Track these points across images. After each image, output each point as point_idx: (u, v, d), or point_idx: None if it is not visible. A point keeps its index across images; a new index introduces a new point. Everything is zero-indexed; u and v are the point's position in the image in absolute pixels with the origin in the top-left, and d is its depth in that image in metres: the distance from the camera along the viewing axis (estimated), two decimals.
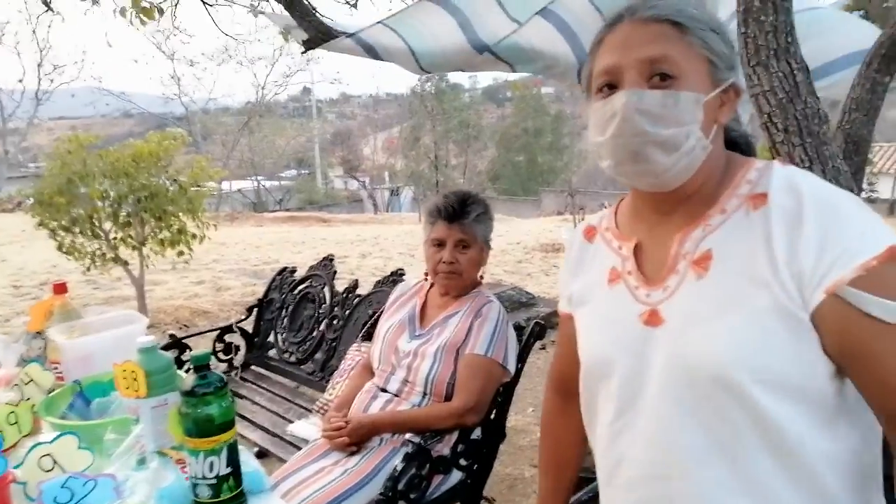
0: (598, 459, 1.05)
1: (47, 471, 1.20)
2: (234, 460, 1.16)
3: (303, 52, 2.55)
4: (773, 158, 1.84)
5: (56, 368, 1.64)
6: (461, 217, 1.92)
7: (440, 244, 1.94)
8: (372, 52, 2.45)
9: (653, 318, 0.93)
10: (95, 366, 1.59)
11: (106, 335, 1.68)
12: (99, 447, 1.27)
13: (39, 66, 23.23)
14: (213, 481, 1.13)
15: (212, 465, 1.13)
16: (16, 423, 1.36)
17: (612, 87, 0.91)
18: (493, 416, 2.01)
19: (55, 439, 1.23)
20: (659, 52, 0.87)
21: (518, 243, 10.26)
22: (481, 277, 2.05)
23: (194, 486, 1.15)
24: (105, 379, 1.56)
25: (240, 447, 1.20)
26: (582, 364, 1.05)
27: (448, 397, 1.87)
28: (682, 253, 0.92)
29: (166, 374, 1.34)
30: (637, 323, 0.95)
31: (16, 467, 1.17)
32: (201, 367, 1.14)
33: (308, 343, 2.79)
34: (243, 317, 3.06)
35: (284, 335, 2.92)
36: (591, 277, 1.05)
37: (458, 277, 1.95)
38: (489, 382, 1.88)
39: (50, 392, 1.53)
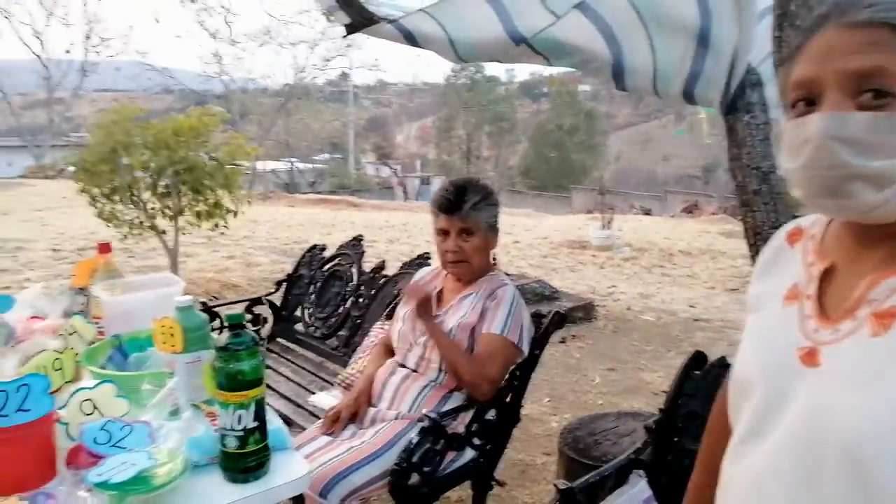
0: (722, 465, 0.98)
1: (87, 414, 1.29)
2: (260, 415, 1.23)
3: (344, 36, 2.61)
4: None
5: (97, 323, 1.73)
6: (459, 207, 1.97)
7: (445, 234, 2.00)
8: (411, 39, 2.50)
9: (810, 358, 0.81)
10: (134, 322, 1.68)
11: (145, 294, 1.76)
12: (135, 397, 1.36)
13: (87, 38, 23.80)
14: (241, 433, 1.20)
15: (240, 417, 1.20)
16: (60, 369, 1.45)
17: (810, 103, 0.77)
18: (508, 399, 2.06)
19: (96, 386, 1.32)
20: (871, 64, 0.71)
21: (545, 238, 10.26)
22: (494, 261, 2.10)
23: (222, 436, 1.22)
24: (142, 335, 1.65)
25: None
26: (731, 375, 0.96)
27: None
28: (868, 298, 0.78)
29: (201, 333, 1.42)
30: (793, 356, 0.83)
31: (59, 409, 1.25)
32: (235, 325, 1.21)
33: (334, 319, 2.87)
34: (273, 290, 3.15)
35: (311, 310, 3.00)
36: (773, 285, 0.93)
37: (465, 265, 2.00)
38: (505, 360, 1.94)
39: (91, 344, 1.62)
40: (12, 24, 26.37)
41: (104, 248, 1.85)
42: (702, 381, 1.70)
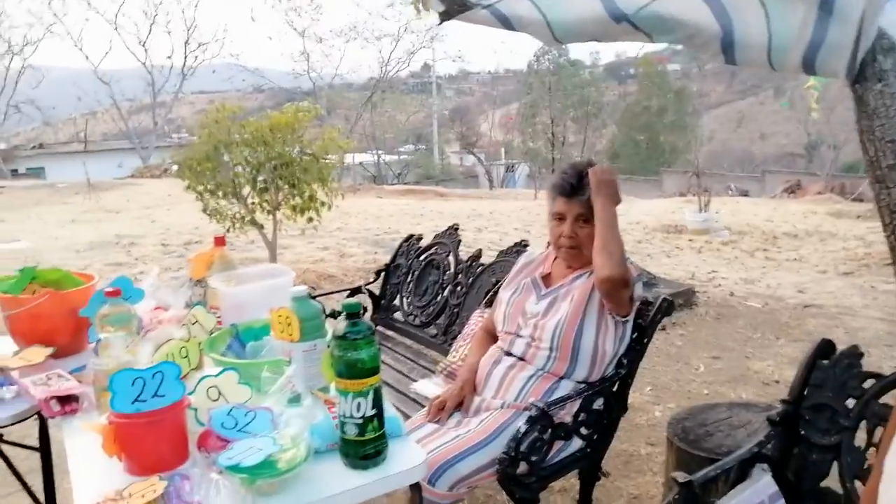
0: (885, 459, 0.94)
1: (214, 400, 1.35)
2: (378, 403, 1.24)
3: (438, 24, 2.60)
4: None
5: (215, 312, 1.81)
6: (579, 192, 1.92)
7: (561, 218, 1.96)
8: (507, 22, 2.45)
9: None
10: (249, 312, 1.75)
11: (259, 285, 1.83)
12: (256, 384, 1.41)
13: (186, 43, 25.10)
14: (360, 421, 1.22)
15: (359, 405, 1.22)
16: (186, 357, 1.53)
17: None
18: (615, 388, 2.01)
19: (220, 373, 1.38)
20: None
21: (638, 223, 9.95)
22: None
23: (342, 424, 1.25)
24: (257, 325, 1.71)
25: None
26: None
27: (574, 357, 1.89)
28: None
29: (316, 322, 1.45)
30: None
31: (188, 395, 1.32)
32: (353, 314, 1.23)
33: (432, 307, 2.89)
34: (371, 279, 3.21)
35: (410, 299, 3.03)
36: None
37: (578, 252, 1.95)
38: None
39: (211, 333, 1.69)
40: (121, 36, 28.16)
41: (220, 241, 1.94)
42: (831, 370, 1.59)
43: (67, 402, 1.50)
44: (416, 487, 1.32)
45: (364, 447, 1.24)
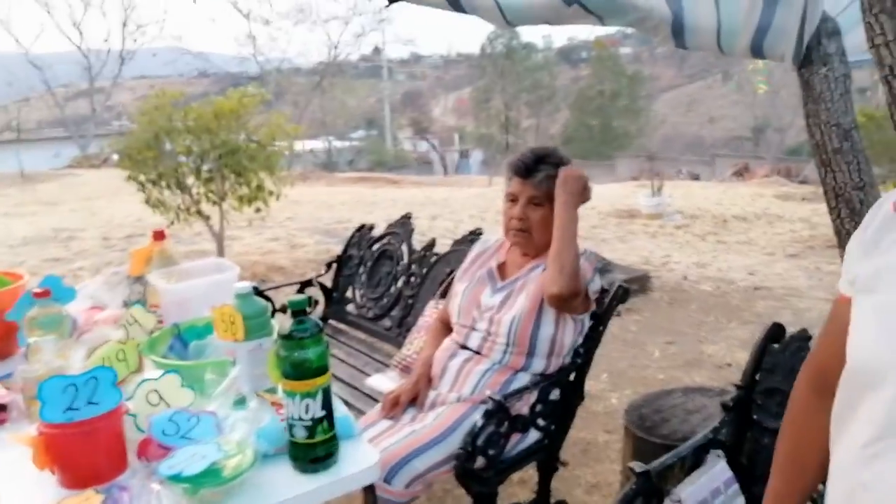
0: (831, 474, 0.91)
1: (154, 405, 1.27)
2: (328, 404, 1.19)
3: (387, 6, 2.53)
4: (893, 116, 1.72)
5: (156, 311, 1.72)
6: (534, 173, 1.88)
7: (514, 200, 1.92)
8: (457, 5, 2.40)
9: None
10: (191, 310, 1.66)
11: (201, 281, 1.75)
12: (199, 386, 1.34)
13: (124, 25, 24.18)
14: (309, 423, 1.17)
15: (307, 407, 1.16)
16: (124, 360, 1.44)
17: None
18: (572, 378, 1.99)
19: (161, 376, 1.30)
20: None
21: (592, 208, 10.04)
22: None
23: (290, 426, 1.19)
24: (200, 323, 1.63)
25: None
26: (847, 362, 0.89)
27: (531, 351, 1.86)
28: None
29: (262, 319, 1.38)
30: None
31: (126, 400, 1.24)
32: (298, 312, 1.17)
33: (385, 299, 2.84)
34: (323, 272, 3.13)
35: (362, 291, 2.97)
36: (889, 261, 0.86)
37: (527, 235, 1.91)
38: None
39: (151, 333, 1.61)
40: (53, 18, 26.96)
41: (159, 235, 1.84)
42: (781, 354, 1.60)
43: None
44: (369, 489, 1.28)
45: (314, 450, 1.18)
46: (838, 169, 1.89)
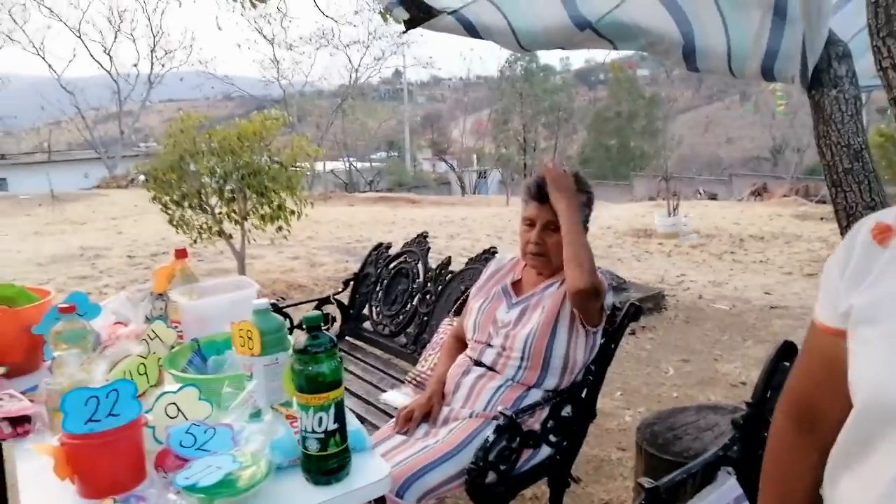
0: None
1: (172, 417, 1.31)
2: (340, 417, 1.22)
3: (403, 32, 2.59)
4: None
5: (176, 327, 1.77)
6: (549, 198, 1.90)
7: (531, 224, 1.94)
8: (472, 30, 2.46)
9: None
10: (211, 326, 1.71)
11: (221, 298, 1.80)
12: (217, 400, 1.37)
13: (153, 51, 24.80)
14: (321, 436, 1.20)
15: (321, 420, 1.20)
16: (144, 373, 1.49)
17: None
18: (584, 395, 2.01)
19: (180, 390, 1.34)
20: None
21: (609, 228, 10.05)
22: None
23: (303, 439, 1.22)
24: (219, 339, 1.68)
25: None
26: (857, 398, 0.84)
27: (545, 366, 1.88)
28: None
29: (278, 335, 1.42)
30: None
31: (146, 413, 1.28)
32: (314, 327, 1.21)
33: (401, 316, 2.87)
34: (340, 289, 3.18)
35: (379, 308, 3.01)
36: (886, 290, 0.84)
37: (544, 259, 1.94)
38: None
39: (172, 348, 1.65)
40: (85, 44, 27.70)
41: (181, 253, 1.89)
42: None
43: (19, 423, 1.44)
44: (380, 501, 1.30)
45: (326, 462, 1.21)
46: (849, 189, 1.90)
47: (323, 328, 1.22)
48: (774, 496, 1.05)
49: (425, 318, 2.76)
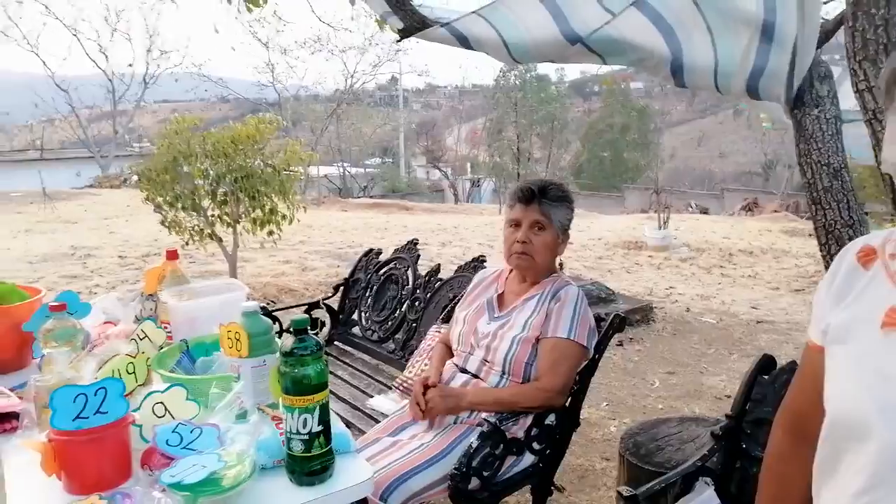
0: None
1: (160, 417, 1.33)
2: (325, 419, 1.24)
3: (398, 41, 2.63)
4: (877, 157, 1.77)
5: (166, 328, 1.79)
6: (538, 199, 1.95)
7: (517, 224, 1.98)
8: (465, 42, 2.50)
9: None
10: (200, 327, 1.73)
11: (211, 300, 1.81)
12: (204, 400, 1.39)
13: (148, 51, 24.75)
14: (306, 437, 1.22)
15: (305, 421, 1.22)
16: (133, 372, 1.51)
17: None
18: (568, 404, 2.03)
19: (167, 389, 1.36)
20: None
21: (599, 239, 10.10)
22: (560, 266, 2.07)
23: (288, 440, 1.24)
24: (208, 340, 1.70)
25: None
26: (827, 414, 0.88)
27: (526, 378, 1.91)
28: None
29: (266, 337, 1.45)
30: None
31: (133, 411, 1.30)
32: (300, 330, 1.23)
33: (390, 322, 2.89)
34: (330, 294, 3.20)
35: (368, 314, 3.03)
36: (859, 312, 0.86)
37: (530, 259, 1.96)
38: (574, 363, 1.92)
39: (161, 348, 1.67)
40: (80, 42, 27.62)
41: (172, 255, 1.91)
42: (770, 385, 1.64)
43: (7, 419, 1.46)
44: (361, 502, 1.32)
45: (310, 463, 1.23)
46: (828, 207, 1.94)
47: (310, 332, 1.25)
48: (771, 498, 1.09)
49: (414, 325, 2.78)
